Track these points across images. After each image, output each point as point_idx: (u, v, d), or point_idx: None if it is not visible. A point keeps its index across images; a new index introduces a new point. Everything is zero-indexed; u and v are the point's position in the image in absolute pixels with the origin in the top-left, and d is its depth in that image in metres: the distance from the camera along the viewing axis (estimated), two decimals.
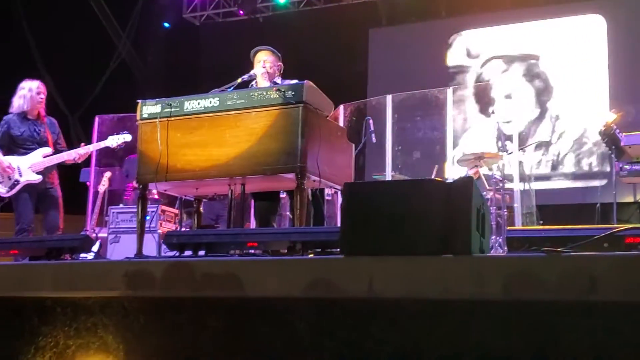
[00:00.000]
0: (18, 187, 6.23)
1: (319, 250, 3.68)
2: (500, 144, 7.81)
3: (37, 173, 6.26)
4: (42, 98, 6.50)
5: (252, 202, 5.73)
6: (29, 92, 6.46)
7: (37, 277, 3.73)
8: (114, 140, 6.52)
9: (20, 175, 6.22)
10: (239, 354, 3.15)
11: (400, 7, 12.43)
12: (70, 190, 9.55)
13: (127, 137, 6.60)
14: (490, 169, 8.22)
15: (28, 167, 6.25)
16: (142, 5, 13.06)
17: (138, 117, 4.81)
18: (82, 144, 6.50)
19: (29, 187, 6.27)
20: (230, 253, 4.00)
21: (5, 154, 6.31)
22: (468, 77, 11.90)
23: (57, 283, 3.64)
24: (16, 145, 6.36)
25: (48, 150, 6.36)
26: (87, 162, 6.69)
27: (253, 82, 5.36)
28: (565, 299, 2.57)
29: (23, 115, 6.44)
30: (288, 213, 7.41)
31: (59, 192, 6.46)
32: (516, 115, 10.10)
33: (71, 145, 6.71)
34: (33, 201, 6.31)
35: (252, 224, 7.03)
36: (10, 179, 6.24)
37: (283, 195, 6.25)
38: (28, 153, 6.33)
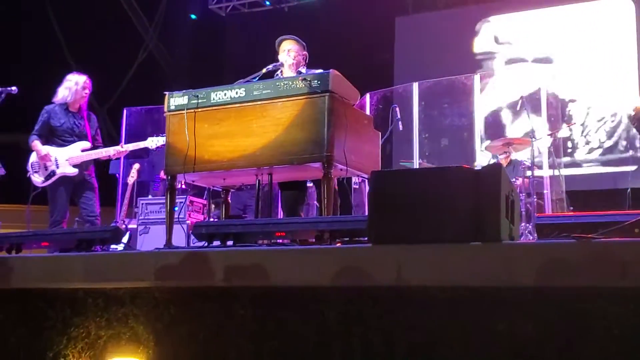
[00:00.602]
0: (54, 179, 6.26)
1: (347, 239, 3.68)
2: (529, 127, 7.71)
3: (74, 166, 6.28)
4: (86, 93, 6.52)
5: (279, 192, 5.74)
6: (75, 85, 6.48)
7: (69, 268, 3.78)
8: (153, 142, 6.51)
9: (57, 167, 6.25)
10: (267, 343, 3.16)
11: None
12: (100, 182, 9.65)
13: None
14: (519, 155, 8.15)
15: (66, 159, 6.27)
16: None
17: (166, 109, 4.83)
18: (121, 143, 6.52)
19: (65, 180, 6.28)
20: (258, 243, 4.01)
21: (43, 144, 6.33)
22: (495, 63, 11.79)
23: (88, 274, 3.68)
24: (55, 136, 6.38)
25: (87, 144, 6.39)
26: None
27: (278, 72, 5.35)
28: (596, 286, 2.55)
29: (65, 107, 6.46)
30: (315, 202, 7.41)
31: (95, 183, 6.49)
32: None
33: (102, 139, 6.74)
34: (68, 194, 6.33)
35: (280, 213, 7.04)
36: (47, 169, 6.27)
37: (310, 184, 6.25)
38: (65, 145, 6.35)
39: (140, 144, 6.55)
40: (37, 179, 6.31)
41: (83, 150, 6.35)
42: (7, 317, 3.87)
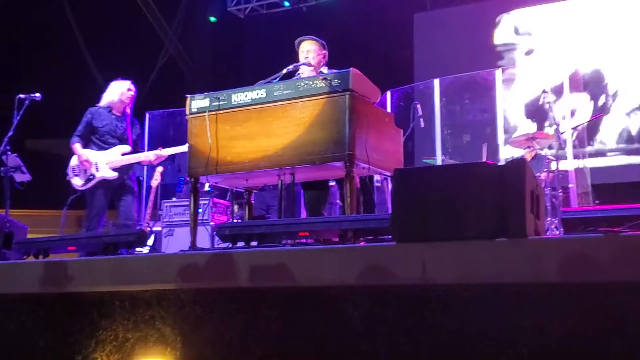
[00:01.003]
0: (93, 182, 6.26)
1: (371, 237, 3.68)
2: (552, 121, 7.66)
3: (114, 170, 6.29)
4: (130, 94, 6.55)
5: (302, 191, 5.74)
6: (119, 88, 6.52)
7: (96, 272, 3.81)
8: None
9: (97, 170, 6.26)
10: (293, 342, 3.17)
11: None
12: None
13: None
14: (543, 150, 8.09)
15: (106, 163, 6.27)
16: (188, 1, 13.17)
17: (187, 112, 4.85)
18: (160, 147, 6.51)
19: (105, 183, 6.28)
20: (282, 243, 4.02)
21: (84, 147, 6.35)
22: (517, 55, 11.71)
23: (115, 277, 3.71)
24: (96, 138, 6.38)
25: (127, 148, 6.39)
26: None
27: (299, 72, 5.35)
28: (624, 280, 2.52)
29: (109, 109, 6.48)
30: (338, 201, 7.41)
31: (135, 187, 6.49)
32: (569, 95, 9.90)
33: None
34: (107, 197, 6.32)
35: (302, 213, 7.05)
36: (86, 173, 6.28)
37: (332, 183, 6.24)
38: (106, 148, 6.35)
39: (179, 149, 6.44)
40: (77, 182, 6.31)
41: (123, 154, 6.35)
42: (35, 321, 3.91)
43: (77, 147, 6.32)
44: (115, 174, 6.26)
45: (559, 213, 6.83)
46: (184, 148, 6.33)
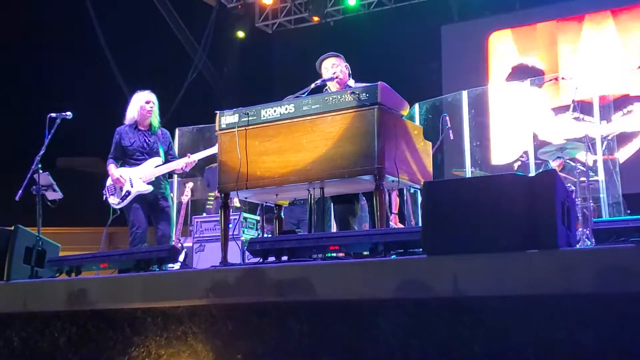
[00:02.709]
0: (130, 198, 6.33)
1: (402, 251, 3.67)
2: (582, 131, 7.59)
3: (148, 183, 6.35)
4: (151, 107, 6.57)
5: (332, 205, 5.74)
6: (137, 103, 6.56)
7: (128, 288, 3.84)
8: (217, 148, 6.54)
9: (132, 186, 6.33)
10: (324, 357, 3.16)
11: (472, 1, 12.27)
12: None
13: None
14: (573, 160, 8.01)
15: (139, 177, 6.34)
16: (216, 17, 13.28)
17: (217, 128, 4.88)
18: (188, 154, 6.55)
19: (140, 198, 6.34)
20: (312, 257, 4.02)
21: (121, 166, 6.44)
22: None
23: (147, 294, 3.74)
24: (127, 156, 6.46)
25: (159, 160, 6.44)
26: (170, 173, 6.73)
27: (325, 88, 5.37)
28: None
29: (135, 126, 6.54)
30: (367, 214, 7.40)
31: (168, 202, 6.53)
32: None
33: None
34: (145, 211, 6.37)
35: (332, 227, 7.05)
36: (122, 190, 6.36)
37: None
38: (139, 164, 6.41)
39: (207, 152, 6.52)
40: (114, 201, 6.40)
41: (156, 167, 6.41)
42: (68, 339, 3.94)
43: (111, 167, 6.42)
44: (150, 187, 6.32)
45: (590, 223, 6.75)
46: (212, 150, 6.39)
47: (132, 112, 6.57)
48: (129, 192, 6.33)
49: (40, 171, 5.97)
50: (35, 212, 5.56)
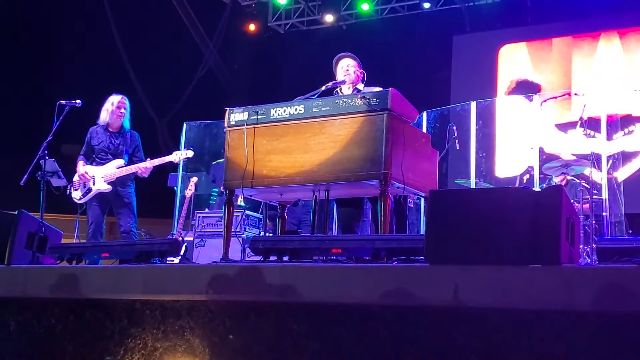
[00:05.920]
0: (90, 195, 6.60)
1: (403, 257, 3.67)
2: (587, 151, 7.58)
3: (109, 183, 6.57)
4: (122, 112, 6.79)
5: (335, 207, 5.74)
6: (111, 106, 6.79)
7: (128, 280, 3.85)
8: (177, 156, 6.81)
9: (94, 184, 6.58)
10: (321, 358, 3.16)
11: (485, 13, 12.28)
12: (158, 195, 9.78)
13: (189, 153, 6.89)
14: (577, 177, 8.00)
15: (101, 176, 6.59)
16: (229, 14, 13.31)
17: (226, 124, 4.89)
18: (148, 159, 6.70)
19: (99, 196, 6.60)
20: (314, 259, 4.02)
21: (90, 164, 6.69)
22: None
23: (146, 286, 3.74)
24: (95, 155, 6.72)
25: (121, 162, 6.66)
26: (174, 167, 6.87)
27: (336, 91, 5.37)
28: None
29: (105, 127, 6.79)
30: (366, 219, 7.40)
31: (131, 198, 6.73)
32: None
33: (157, 151, 6.90)
34: (103, 209, 6.65)
35: (335, 229, 7.05)
36: (85, 186, 6.64)
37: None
38: (104, 163, 6.66)
39: (165, 159, 6.77)
40: (76, 195, 6.68)
41: (118, 168, 6.61)
42: (65, 326, 3.95)
43: (79, 164, 6.72)
44: (109, 187, 6.58)
45: (592, 241, 6.74)
46: (170, 157, 6.64)
47: (104, 114, 6.83)
48: (90, 189, 6.61)
49: (47, 157, 6.01)
50: (39, 198, 5.61)
